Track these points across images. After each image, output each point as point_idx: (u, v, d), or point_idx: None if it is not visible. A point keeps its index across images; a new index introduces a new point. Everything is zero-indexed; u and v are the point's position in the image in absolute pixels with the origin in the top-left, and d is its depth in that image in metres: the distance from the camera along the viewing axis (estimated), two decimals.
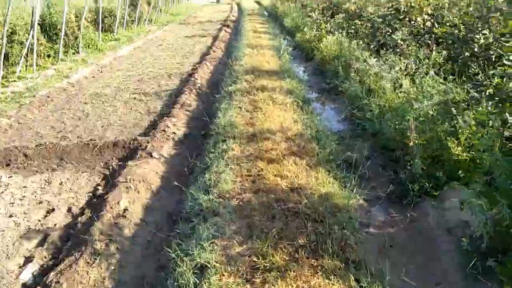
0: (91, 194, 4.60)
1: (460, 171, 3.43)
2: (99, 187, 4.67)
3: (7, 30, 10.26)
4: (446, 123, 3.80)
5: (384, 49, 6.72)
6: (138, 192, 4.35)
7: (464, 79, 4.74)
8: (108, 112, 7.59)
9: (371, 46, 8.19)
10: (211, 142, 4.99)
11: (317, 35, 10.08)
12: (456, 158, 3.47)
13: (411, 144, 3.54)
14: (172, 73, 10.49)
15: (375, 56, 7.25)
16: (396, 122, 4.24)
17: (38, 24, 12.04)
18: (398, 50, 5.73)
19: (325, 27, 10.06)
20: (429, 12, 6.49)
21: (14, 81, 10.16)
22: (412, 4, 6.42)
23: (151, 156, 5.12)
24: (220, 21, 23.09)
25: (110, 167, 5.24)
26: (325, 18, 10.65)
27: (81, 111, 7.72)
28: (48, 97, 8.69)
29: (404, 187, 3.70)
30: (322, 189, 3.46)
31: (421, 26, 6.47)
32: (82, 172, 5.20)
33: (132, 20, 20.09)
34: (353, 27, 10.22)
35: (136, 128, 6.67)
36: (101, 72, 11.36)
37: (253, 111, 5.79)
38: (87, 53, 13.72)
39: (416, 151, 3.55)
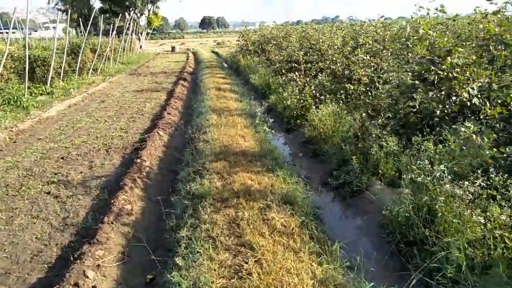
0: None
1: None
2: None
3: None
4: None
5: (418, 134, 4.71)
6: None
7: None
8: None
9: (380, 121, 6.24)
10: None
11: (301, 101, 8.09)
12: None
13: None
14: (112, 146, 7.89)
15: (399, 140, 5.23)
16: None
17: None
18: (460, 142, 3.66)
19: (310, 90, 8.14)
20: (482, 81, 4.66)
21: None
22: (455, 75, 4.54)
23: None
24: (175, 72, 21.00)
25: None
26: (307, 79, 8.79)
27: None
28: None
29: None
30: None
31: (468, 103, 4.59)
32: None
33: (73, 70, 17.35)
34: (342, 91, 8.38)
35: (31, 274, 3.91)
36: (14, 142, 8.48)
37: (238, 250, 3.35)
38: (4, 113, 10.74)
39: None
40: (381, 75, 8.34)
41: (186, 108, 11.56)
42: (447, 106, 4.90)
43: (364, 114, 6.65)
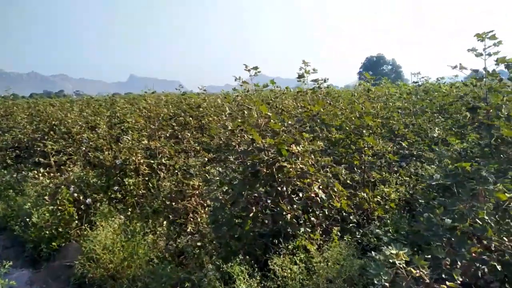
0: None
1: None
2: None
3: None
4: None
5: None
6: None
7: None
8: None
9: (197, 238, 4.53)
10: None
11: (59, 211, 5.04)
12: None
13: None
14: None
15: None
16: None
17: None
18: None
19: (68, 193, 5.24)
20: None
21: None
22: None
23: None
24: None
25: None
26: (61, 176, 5.67)
27: None
28: None
29: None
30: None
31: None
32: None
33: None
34: (116, 187, 6.13)
35: None
36: None
37: None
38: None
39: None
40: (163, 162, 6.73)
41: None
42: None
43: (166, 223, 4.70)
